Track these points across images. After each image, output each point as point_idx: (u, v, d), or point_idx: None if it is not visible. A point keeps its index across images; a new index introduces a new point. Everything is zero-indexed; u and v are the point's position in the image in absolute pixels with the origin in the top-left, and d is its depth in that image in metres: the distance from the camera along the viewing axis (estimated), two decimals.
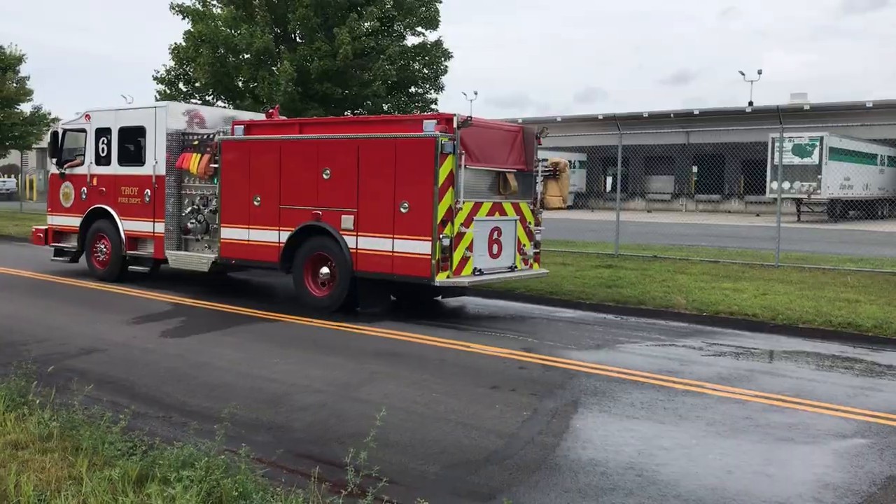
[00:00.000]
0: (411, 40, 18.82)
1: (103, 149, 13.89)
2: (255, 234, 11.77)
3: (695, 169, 52.43)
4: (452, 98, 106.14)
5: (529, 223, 11.59)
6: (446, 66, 18.46)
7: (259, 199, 11.70)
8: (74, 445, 4.93)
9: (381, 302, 11.21)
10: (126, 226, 13.51)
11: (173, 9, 18.23)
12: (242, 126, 12.25)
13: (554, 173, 11.95)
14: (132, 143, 13.60)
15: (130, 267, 13.57)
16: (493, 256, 10.98)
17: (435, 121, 10.14)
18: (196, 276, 13.75)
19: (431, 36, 18.80)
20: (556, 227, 24.73)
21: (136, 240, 13.54)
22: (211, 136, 12.60)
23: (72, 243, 14.55)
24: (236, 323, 10.09)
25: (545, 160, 11.94)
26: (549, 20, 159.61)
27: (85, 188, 14.21)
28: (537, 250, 11.82)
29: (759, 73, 52.84)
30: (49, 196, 15.16)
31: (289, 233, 11.32)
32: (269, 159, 11.65)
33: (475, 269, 10.59)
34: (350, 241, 10.71)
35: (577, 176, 54.71)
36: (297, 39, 18.03)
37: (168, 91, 18.50)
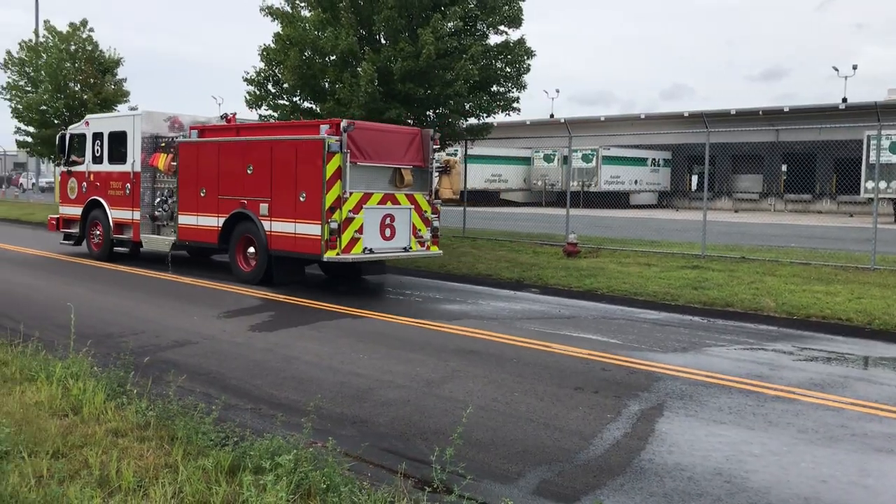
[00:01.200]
0: (494, 39, 18.78)
1: (97, 150, 16.62)
2: (202, 219, 14.25)
3: (784, 168, 50.73)
4: (534, 96, 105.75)
5: (425, 211, 13.51)
6: (529, 65, 18.33)
7: (204, 191, 14.15)
8: (170, 434, 5.12)
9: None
10: (113, 214, 16.22)
11: (263, 10, 18.68)
12: (197, 130, 14.85)
13: (446, 169, 14.06)
14: (118, 144, 16.20)
15: (115, 248, 16.22)
16: (386, 238, 12.96)
17: (327, 125, 12.43)
18: None
19: (514, 34, 18.71)
20: (640, 227, 24.33)
21: (121, 226, 16.13)
22: (174, 138, 15.12)
23: (76, 229, 17.24)
24: (322, 318, 10.29)
25: (439, 159, 13.97)
26: (635, 15, 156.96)
27: (85, 183, 17.00)
28: (435, 234, 13.70)
29: (854, 68, 50.57)
30: (60, 190, 18.24)
31: (224, 218, 13.75)
32: (211, 158, 14.09)
33: (365, 248, 12.58)
34: (266, 225, 13.04)
35: (661, 174, 53.72)
36: (381, 41, 18.23)
37: (257, 92, 18.91)
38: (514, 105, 18.98)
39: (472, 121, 19.77)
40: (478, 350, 8.62)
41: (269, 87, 19.11)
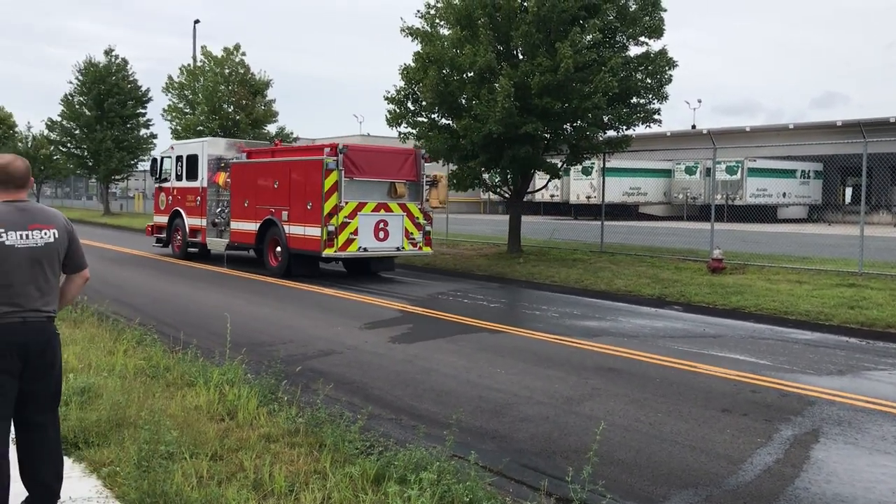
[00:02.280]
0: (634, 50, 18.47)
1: (179, 170, 20.31)
2: (245, 225, 17.60)
3: None
4: (675, 107, 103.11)
5: (417, 218, 16.30)
6: (671, 76, 17.87)
7: (247, 202, 17.56)
8: (318, 441, 5.30)
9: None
10: (189, 222, 19.81)
11: (404, 31, 19.19)
12: (246, 153, 18.46)
13: (434, 183, 16.72)
14: (192, 165, 19.73)
15: (188, 249, 19.86)
16: (380, 240, 15.77)
17: (329, 148, 15.48)
18: (424, 286, 14.39)
19: (655, 45, 18.33)
20: (789, 242, 23.15)
21: (194, 231, 19.66)
22: (230, 160, 18.60)
23: (164, 234, 20.94)
24: (459, 332, 10.39)
25: (429, 174, 16.83)
26: (782, 20, 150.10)
27: (170, 196, 20.79)
28: (427, 237, 16.55)
29: None
30: (154, 202, 22.10)
31: (258, 224, 16.99)
32: (252, 175, 17.60)
33: (360, 247, 15.49)
34: (286, 228, 16.21)
35: (812, 187, 50.94)
36: (519, 56, 18.29)
37: (397, 110, 19.40)
38: (655, 117, 18.58)
39: (611, 133, 19.49)
40: (618, 368, 8.45)
41: (409, 104, 19.58)
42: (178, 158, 20.52)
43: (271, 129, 32.98)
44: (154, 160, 22.27)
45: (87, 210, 44.13)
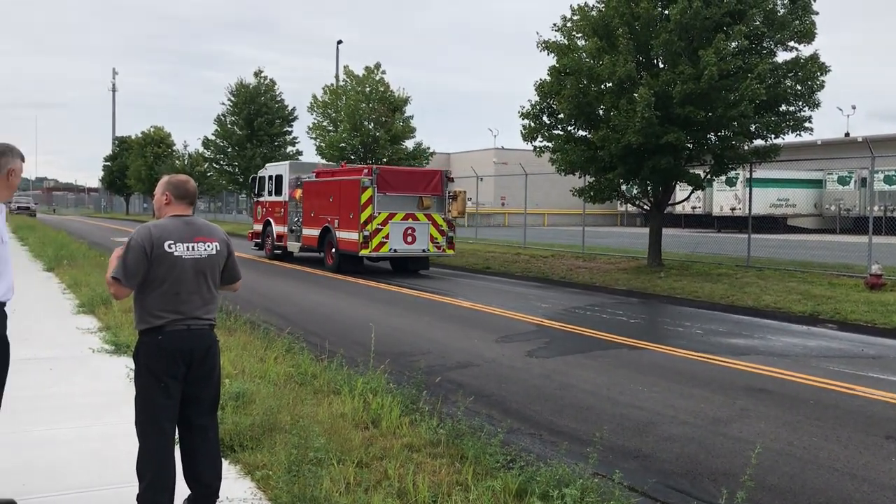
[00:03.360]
0: (782, 56, 17.64)
1: (270, 186, 24.88)
2: (311, 231, 21.69)
3: None
4: (827, 114, 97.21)
5: (441, 226, 19.76)
6: (822, 81, 16.91)
7: (313, 213, 21.63)
8: (459, 453, 5.34)
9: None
10: (276, 229, 24.24)
11: (539, 45, 19.18)
12: (315, 173, 22.65)
13: (455, 197, 20.08)
14: (278, 183, 24.33)
15: (274, 251, 24.21)
16: (408, 243, 19.27)
17: (366, 170, 19.46)
18: (560, 300, 14.23)
19: (805, 50, 17.44)
20: None
21: (279, 237, 23.95)
22: (304, 178, 22.71)
23: (260, 240, 25.53)
24: (597, 347, 10.22)
25: (451, 190, 20.23)
26: None
27: (264, 208, 25.41)
28: (450, 241, 19.92)
29: None
30: (253, 213, 27.18)
31: (319, 230, 21.04)
32: (316, 191, 21.76)
33: (391, 249, 19.09)
34: (337, 233, 20.11)
35: None
36: (659, 65, 17.87)
37: (532, 124, 19.38)
38: (806, 125, 17.65)
39: (758, 142, 18.68)
40: (768, 389, 8.05)
41: (544, 118, 19.52)
42: (270, 178, 25.09)
43: (409, 144, 33.61)
44: (253, 178, 26.98)
45: (237, 223, 46.56)
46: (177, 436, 4.27)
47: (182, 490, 4.27)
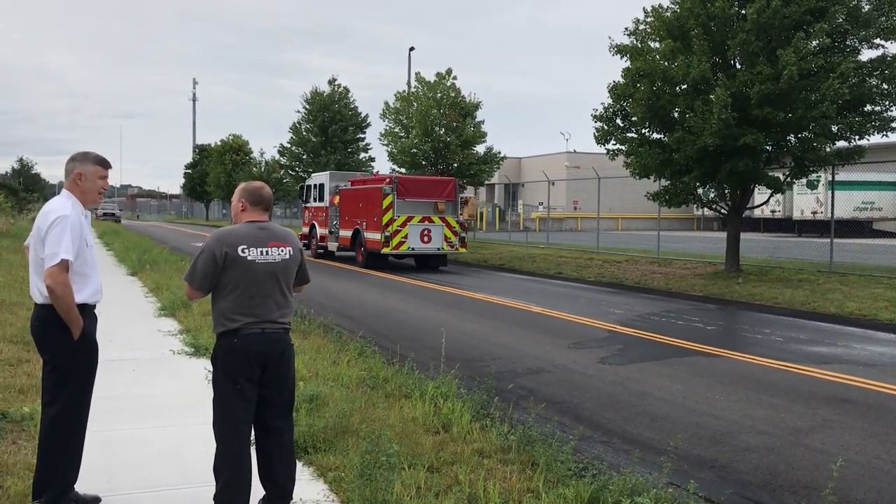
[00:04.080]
0: (867, 54, 16.99)
1: (315, 194, 28.55)
2: (345, 233, 24.88)
3: None
4: None
5: (454, 227, 22.52)
6: None
7: (347, 217, 24.83)
8: (530, 460, 5.31)
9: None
10: (319, 231, 27.66)
11: (612, 49, 18.95)
12: (350, 182, 25.87)
13: (465, 202, 23.35)
14: (321, 191, 27.85)
15: (317, 251, 27.40)
16: (424, 243, 22.11)
17: (387, 179, 22.56)
18: (633, 305, 14.03)
19: (892, 47, 16.81)
20: None
21: (322, 238, 27.25)
22: (340, 187, 26.06)
23: (307, 241, 28.34)
24: (672, 355, 10.02)
25: (462, 196, 23.30)
26: None
27: (310, 213, 29.12)
28: (462, 241, 22.77)
29: None
30: (302, 217, 31.08)
31: (351, 231, 24.22)
32: (349, 198, 24.94)
33: (410, 247, 21.98)
34: (365, 234, 23.06)
35: None
36: (736, 65, 17.45)
37: (605, 127, 19.14)
38: (893, 125, 16.94)
39: (841, 144, 18.02)
40: (853, 399, 7.75)
41: (618, 121, 19.27)
42: (314, 186, 28.93)
43: (479, 149, 33.67)
44: (301, 186, 31.74)
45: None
46: (253, 437, 4.37)
47: (257, 491, 4.36)
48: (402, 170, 33.52)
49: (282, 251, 4.30)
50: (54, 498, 4.33)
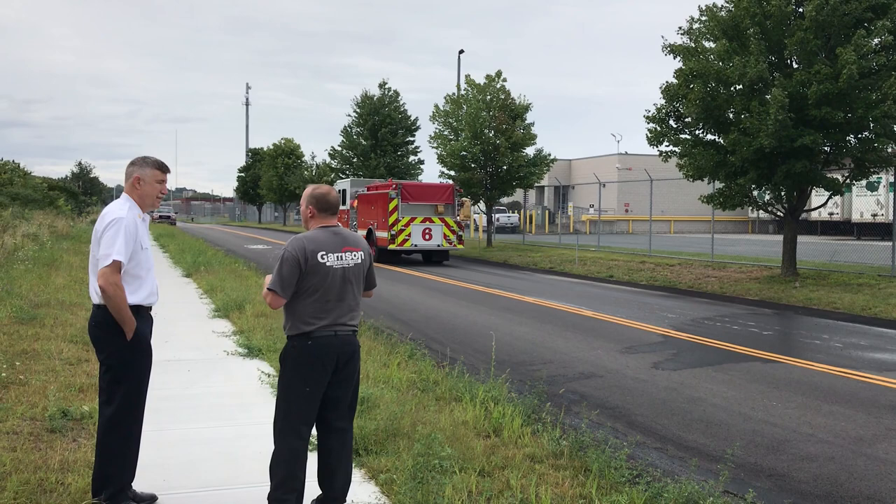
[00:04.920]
0: None
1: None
2: (362, 231, 27.75)
3: None
4: None
5: (452, 227, 25.78)
6: None
7: (362, 218, 28.50)
8: (582, 465, 5.25)
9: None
10: None
11: (665, 49, 18.70)
12: (366, 188, 29.39)
13: (462, 205, 28.05)
14: (343, 196, 31.16)
15: None
16: (426, 240, 25.30)
17: (393, 185, 25.81)
18: (687, 310, 13.78)
19: None
20: None
21: None
22: (358, 192, 29.74)
23: None
24: (727, 360, 9.82)
25: (460, 200, 27.83)
26: None
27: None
28: (460, 239, 25.95)
29: None
30: None
31: (366, 230, 27.50)
32: (365, 202, 28.56)
33: (413, 244, 25.12)
34: (376, 233, 26.47)
35: None
36: (793, 65, 17.07)
37: (658, 129, 18.88)
38: None
39: None
40: None
41: (671, 122, 18.99)
42: (339, 191, 36.25)
43: (529, 151, 33.53)
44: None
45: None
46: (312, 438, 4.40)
47: (310, 491, 4.38)
48: (453, 172, 33.61)
49: (354, 255, 4.37)
50: (113, 495, 4.41)
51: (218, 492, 4.89)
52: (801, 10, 16.57)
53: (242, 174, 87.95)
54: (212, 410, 6.75)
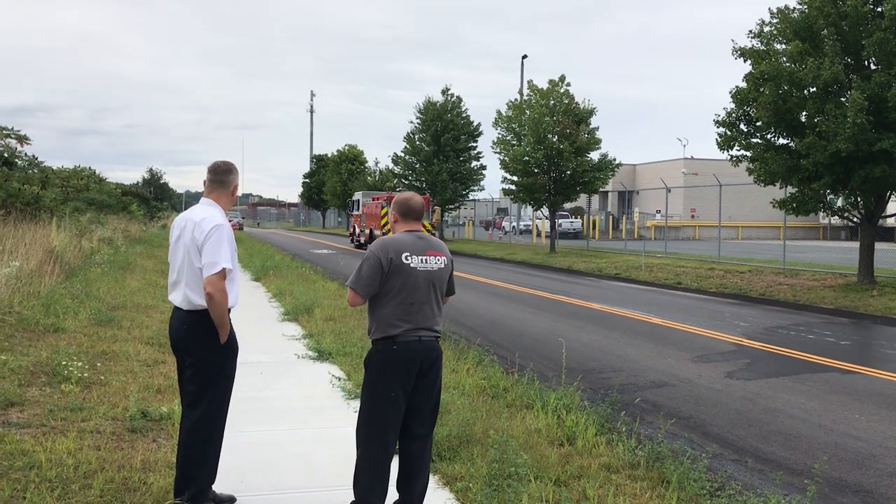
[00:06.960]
0: None
1: (356, 205, 43.04)
2: (367, 232, 39.31)
3: None
4: None
5: (427, 227, 28.67)
6: None
7: (367, 222, 39.54)
8: (660, 477, 5.14)
9: None
10: (357, 232, 42.12)
11: (735, 52, 18.30)
12: (372, 198, 40.57)
13: (433, 212, 38.22)
14: (357, 204, 43.04)
15: (357, 247, 39.84)
16: None
17: (386, 197, 37.57)
18: (759, 318, 13.39)
19: None
20: None
21: (359, 236, 41.11)
22: (367, 201, 41.09)
23: (351, 238, 43.98)
24: (804, 370, 9.53)
25: (433, 207, 39.25)
26: None
27: (353, 219, 44.11)
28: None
29: None
30: (348, 222, 51.52)
31: (370, 231, 38.59)
32: (370, 210, 39.54)
33: None
34: (374, 233, 37.20)
35: None
36: (871, 66, 16.53)
37: (728, 133, 18.48)
38: None
39: None
40: None
41: (741, 126, 18.59)
42: (355, 201, 43.76)
43: (594, 156, 33.22)
44: (348, 201, 49.91)
45: None
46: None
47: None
48: (515, 177, 33.54)
49: (438, 260, 4.37)
50: (195, 496, 4.49)
51: (295, 494, 4.94)
52: (879, 9, 16.04)
53: (307, 180, 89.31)
54: (285, 413, 6.84)
